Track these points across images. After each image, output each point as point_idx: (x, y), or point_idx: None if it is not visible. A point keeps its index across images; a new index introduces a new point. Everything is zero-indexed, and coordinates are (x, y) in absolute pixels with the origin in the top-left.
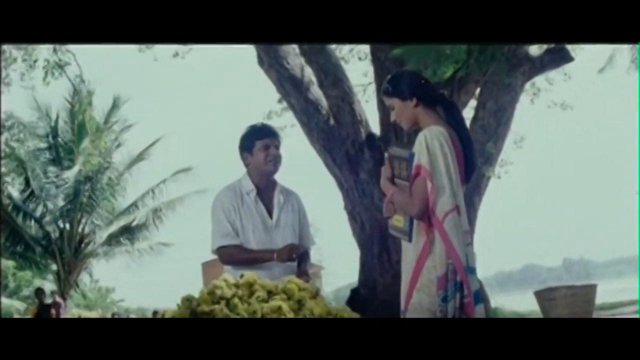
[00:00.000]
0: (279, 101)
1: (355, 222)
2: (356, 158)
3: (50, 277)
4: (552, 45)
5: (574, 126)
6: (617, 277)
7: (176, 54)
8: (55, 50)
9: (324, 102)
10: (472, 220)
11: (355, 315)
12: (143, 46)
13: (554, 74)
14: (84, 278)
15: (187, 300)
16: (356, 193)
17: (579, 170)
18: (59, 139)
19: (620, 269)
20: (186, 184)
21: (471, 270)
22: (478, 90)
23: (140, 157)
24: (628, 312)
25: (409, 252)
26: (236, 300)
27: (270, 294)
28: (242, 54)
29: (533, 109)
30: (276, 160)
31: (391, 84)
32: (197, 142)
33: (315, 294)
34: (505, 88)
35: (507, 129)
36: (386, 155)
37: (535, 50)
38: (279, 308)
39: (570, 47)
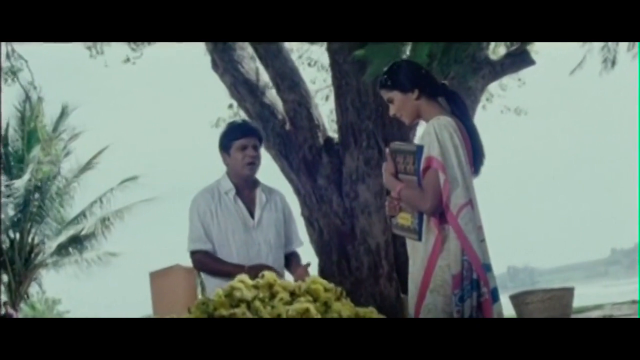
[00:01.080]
0: (230, 107)
1: (313, 228)
2: (314, 163)
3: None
4: (513, 48)
5: (524, 132)
6: (565, 283)
7: (127, 60)
8: (8, 56)
9: (280, 107)
10: None
11: (382, 316)
12: (94, 52)
13: (507, 80)
14: (33, 289)
15: (203, 304)
16: (314, 199)
17: (525, 178)
18: (9, 148)
19: (567, 275)
20: (134, 193)
21: (487, 267)
22: None
23: (88, 166)
24: (596, 316)
25: (419, 252)
26: (257, 302)
27: (294, 295)
28: (194, 59)
29: (485, 115)
30: (254, 162)
31: (390, 76)
32: (145, 149)
33: (340, 295)
34: (464, 92)
35: None
36: (387, 150)
37: (494, 54)
38: (307, 310)
39: (531, 50)
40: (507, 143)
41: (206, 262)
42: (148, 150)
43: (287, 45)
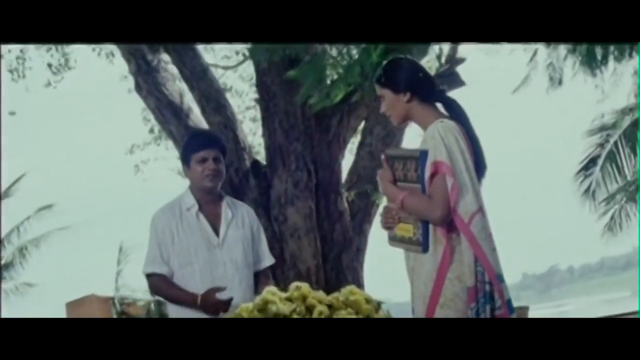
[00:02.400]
0: (151, 131)
1: None
2: (240, 186)
3: None
4: (443, 69)
5: None
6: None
7: (48, 84)
8: None
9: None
10: (363, 247)
11: None
12: (16, 75)
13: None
14: None
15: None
16: None
17: None
18: None
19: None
20: (49, 221)
21: (500, 277)
22: None
23: (6, 194)
24: None
25: (424, 265)
26: (295, 317)
27: (331, 308)
28: (114, 83)
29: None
30: (215, 175)
31: (386, 72)
32: (61, 177)
33: (378, 307)
34: None
35: None
36: (383, 157)
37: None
38: None
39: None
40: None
41: (161, 287)
42: (64, 177)
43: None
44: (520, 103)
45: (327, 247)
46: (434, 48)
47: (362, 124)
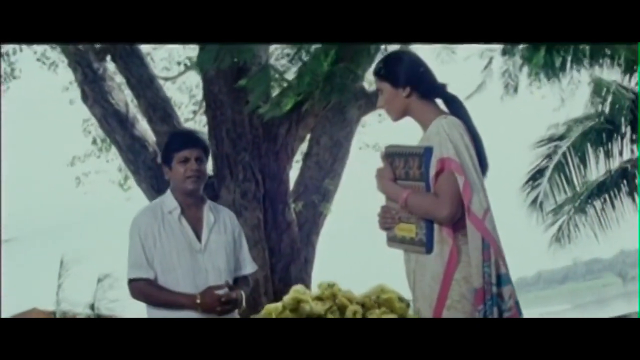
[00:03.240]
0: (93, 142)
1: None
2: None
3: None
4: None
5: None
6: None
7: None
8: None
9: (151, 139)
10: (311, 259)
11: None
12: None
13: (368, 117)
14: None
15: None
16: None
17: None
18: None
19: None
20: None
21: (509, 278)
22: None
23: None
24: None
25: (428, 266)
26: (330, 317)
27: (364, 307)
28: (57, 94)
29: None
30: (198, 177)
31: (386, 65)
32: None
33: (408, 305)
34: (340, 123)
35: (343, 165)
36: (382, 154)
37: (371, 85)
38: None
39: None
40: (364, 180)
41: (149, 291)
42: (4, 190)
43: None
44: (474, 111)
45: (275, 258)
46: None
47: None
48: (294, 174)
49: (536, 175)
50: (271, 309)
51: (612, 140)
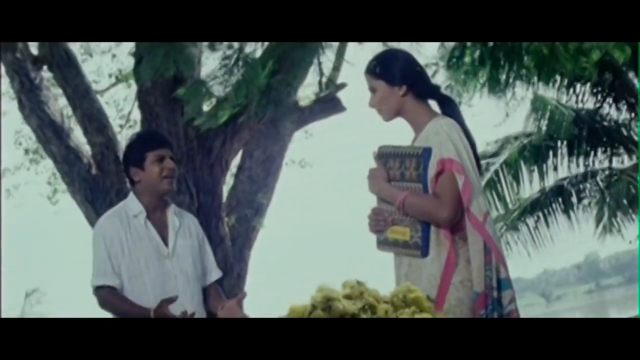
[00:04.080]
0: (25, 153)
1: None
2: None
3: None
4: (323, 95)
5: (311, 183)
6: None
7: None
8: None
9: (85, 150)
10: (243, 274)
11: None
12: None
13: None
14: None
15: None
16: None
17: (307, 232)
18: None
19: None
20: None
21: (509, 282)
22: None
23: None
24: None
25: (424, 269)
26: (363, 316)
27: (394, 306)
28: None
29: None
30: (173, 176)
31: (380, 63)
32: None
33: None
34: (273, 137)
35: (276, 180)
36: (374, 154)
37: (304, 99)
38: None
39: (341, 97)
40: (290, 196)
41: (111, 300)
42: None
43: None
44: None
45: None
46: (315, 74)
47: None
48: (226, 187)
49: None
50: (299, 309)
51: (548, 157)
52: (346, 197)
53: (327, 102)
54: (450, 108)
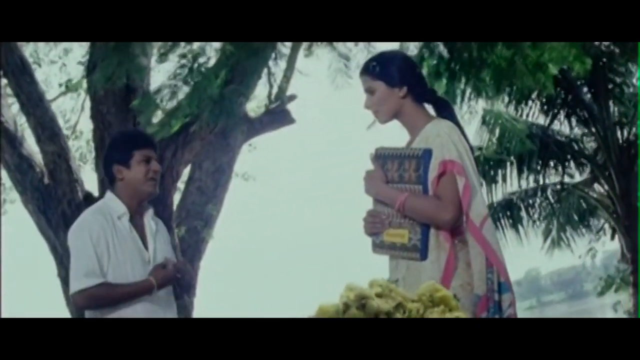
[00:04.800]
0: None
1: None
2: (73, 219)
3: None
4: (273, 106)
5: (256, 196)
6: None
7: None
8: None
9: (38, 159)
10: (193, 285)
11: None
12: None
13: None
14: None
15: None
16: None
17: (251, 247)
18: None
19: None
20: None
21: (509, 285)
22: None
23: None
24: None
25: (422, 273)
26: (398, 316)
27: (423, 304)
28: None
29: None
30: (157, 179)
31: (380, 63)
32: None
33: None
34: (223, 148)
35: (225, 191)
36: (372, 155)
37: (254, 110)
38: None
39: (289, 109)
40: (234, 209)
41: (103, 293)
42: None
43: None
44: (373, 140)
45: None
46: (264, 86)
47: None
48: (176, 198)
49: None
50: (330, 308)
51: (498, 172)
52: (292, 210)
53: (277, 114)
54: (447, 111)
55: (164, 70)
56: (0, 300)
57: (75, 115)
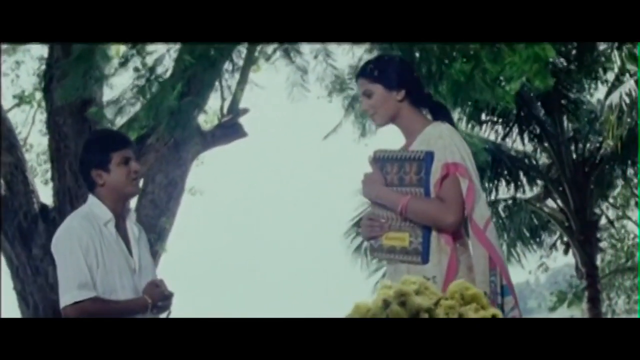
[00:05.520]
0: None
1: (26, 304)
2: (29, 231)
3: None
4: (225, 119)
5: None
6: None
7: None
8: None
9: None
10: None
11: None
12: None
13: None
14: None
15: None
16: (28, 271)
17: (199, 262)
18: None
19: None
20: None
21: (510, 288)
22: None
23: None
24: None
25: (426, 276)
26: (440, 311)
27: (457, 302)
28: None
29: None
30: (139, 178)
31: (378, 66)
32: None
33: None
34: (176, 161)
35: (178, 204)
36: (370, 158)
37: (205, 124)
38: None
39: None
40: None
41: (98, 309)
42: None
43: None
44: (331, 150)
45: None
46: (217, 100)
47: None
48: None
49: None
50: (367, 306)
51: None
52: (240, 224)
53: (229, 128)
54: (444, 115)
55: (118, 82)
56: (0, 300)
57: (26, 129)
